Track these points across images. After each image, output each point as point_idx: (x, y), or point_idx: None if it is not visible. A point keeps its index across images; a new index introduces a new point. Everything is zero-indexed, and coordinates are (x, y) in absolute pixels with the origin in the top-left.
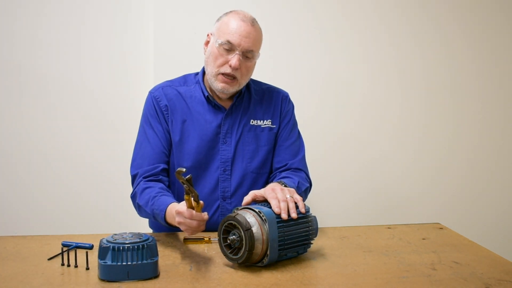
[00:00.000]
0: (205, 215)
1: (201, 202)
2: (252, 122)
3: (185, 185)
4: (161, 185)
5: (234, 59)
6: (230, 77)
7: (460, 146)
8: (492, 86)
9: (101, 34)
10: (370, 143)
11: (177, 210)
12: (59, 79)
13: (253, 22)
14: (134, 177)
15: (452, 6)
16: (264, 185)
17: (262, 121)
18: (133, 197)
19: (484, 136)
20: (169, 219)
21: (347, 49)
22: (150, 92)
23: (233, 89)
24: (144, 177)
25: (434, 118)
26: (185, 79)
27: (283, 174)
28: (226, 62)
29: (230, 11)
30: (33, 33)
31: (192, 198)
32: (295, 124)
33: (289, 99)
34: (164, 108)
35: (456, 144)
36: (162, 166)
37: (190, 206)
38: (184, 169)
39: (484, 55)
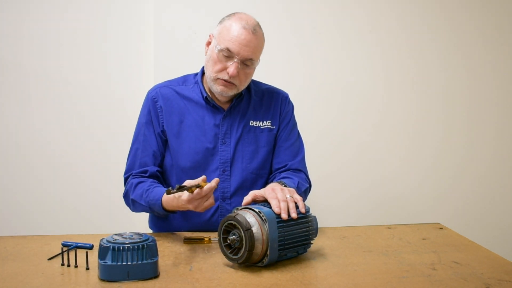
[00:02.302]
0: (212, 183)
1: (203, 183)
2: (252, 123)
3: (184, 191)
4: (152, 179)
5: (232, 67)
6: (229, 82)
7: (465, 149)
8: (502, 95)
9: (101, 34)
10: (372, 144)
11: (185, 200)
12: (59, 80)
13: (255, 30)
14: (126, 180)
15: (459, 8)
16: (264, 186)
17: (261, 122)
18: (126, 195)
19: (487, 140)
20: (167, 205)
21: (354, 53)
22: (148, 93)
23: (232, 92)
24: (135, 176)
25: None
26: (184, 79)
27: (283, 174)
28: (225, 68)
29: (234, 14)
30: (34, 34)
31: (197, 188)
32: (294, 125)
33: (289, 99)
34: (160, 109)
35: (461, 147)
36: (154, 168)
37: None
38: (170, 188)
39: (498, 61)
